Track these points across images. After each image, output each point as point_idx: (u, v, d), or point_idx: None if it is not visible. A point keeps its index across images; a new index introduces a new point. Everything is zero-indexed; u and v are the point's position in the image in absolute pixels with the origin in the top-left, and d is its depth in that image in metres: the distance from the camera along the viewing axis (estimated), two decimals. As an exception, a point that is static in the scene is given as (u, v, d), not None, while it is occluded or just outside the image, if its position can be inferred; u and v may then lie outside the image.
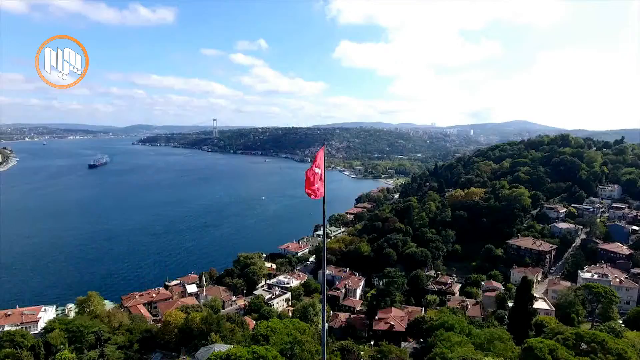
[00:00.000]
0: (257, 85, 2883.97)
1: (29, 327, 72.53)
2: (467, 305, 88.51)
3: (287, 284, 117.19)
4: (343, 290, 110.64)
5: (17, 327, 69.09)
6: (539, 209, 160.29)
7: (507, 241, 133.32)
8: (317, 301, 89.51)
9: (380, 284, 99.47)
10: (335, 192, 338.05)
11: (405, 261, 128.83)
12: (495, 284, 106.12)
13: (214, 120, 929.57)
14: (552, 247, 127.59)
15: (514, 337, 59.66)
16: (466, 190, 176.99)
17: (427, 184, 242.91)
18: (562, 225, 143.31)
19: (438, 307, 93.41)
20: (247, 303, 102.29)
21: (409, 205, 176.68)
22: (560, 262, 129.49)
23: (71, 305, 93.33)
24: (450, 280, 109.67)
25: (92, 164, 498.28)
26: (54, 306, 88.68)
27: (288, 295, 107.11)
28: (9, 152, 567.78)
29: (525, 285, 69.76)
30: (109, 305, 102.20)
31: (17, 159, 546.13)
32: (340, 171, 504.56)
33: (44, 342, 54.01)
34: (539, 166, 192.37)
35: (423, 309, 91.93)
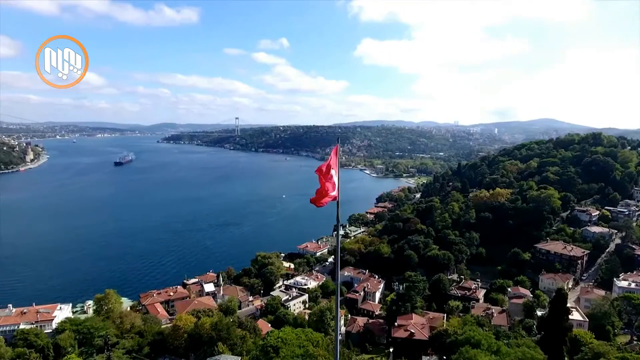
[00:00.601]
0: (279, 84, 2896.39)
1: (44, 325, 73.04)
2: (492, 313, 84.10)
3: (305, 285, 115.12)
4: (362, 293, 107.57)
5: (32, 326, 69.81)
6: (569, 211, 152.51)
7: (535, 245, 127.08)
8: (334, 304, 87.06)
9: (400, 288, 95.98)
10: (355, 191, 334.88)
11: (427, 264, 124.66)
12: (522, 290, 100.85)
13: (236, 118, 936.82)
14: (584, 252, 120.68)
15: (548, 356, 55.10)
16: (491, 191, 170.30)
17: (450, 183, 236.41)
18: (595, 229, 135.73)
19: (461, 314, 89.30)
20: (263, 304, 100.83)
21: (431, 206, 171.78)
22: (592, 269, 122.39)
23: (90, 302, 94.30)
24: (474, 285, 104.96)
25: (117, 161, 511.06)
26: (70, 304, 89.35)
27: (305, 297, 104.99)
28: (40, 150, 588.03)
29: (561, 298, 63.97)
30: (126, 302, 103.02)
31: (48, 156, 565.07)
32: (360, 170, 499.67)
33: (53, 344, 53.85)
34: (569, 166, 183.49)
35: (445, 315, 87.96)
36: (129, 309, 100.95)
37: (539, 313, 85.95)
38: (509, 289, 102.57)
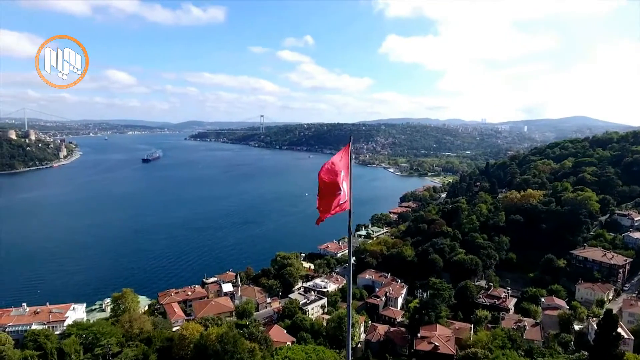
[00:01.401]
0: (304, 81, 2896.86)
1: (55, 326, 72.78)
2: (524, 326, 78.01)
3: (324, 288, 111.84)
4: (383, 299, 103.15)
5: (44, 326, 69.61)
6: (608, 215, 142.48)
7: (571, 251, 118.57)
8: (354, 311, 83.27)
9: (424, 295, 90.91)
10: (378, 190, 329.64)
11: (453, 269, 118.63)
12: (557, 300, 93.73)
13: (261, 116, 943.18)
14: (626, 260, 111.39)
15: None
16: (522, 192, 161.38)
17: (478, 183, 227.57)
18: (638, 235, 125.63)
19: (490, 325, 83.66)
20: (281, 307, 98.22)
21: (457, 207, 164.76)
22: (636, 279, 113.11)
23: (108, 300, 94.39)
24: (504, 293, 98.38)
25: (145, 158, 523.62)
26: (84, 304, 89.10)
27: (324, 301, 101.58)
28: (73, 146, 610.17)
29: (610, 322, 56.43)
30: (145, 301, 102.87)
31: (81, 153, 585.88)
32: (384, 168, 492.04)
33: (58, 349, 52.82)
34: (607, 166, 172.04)
35: (472, 326, 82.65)
36: (146, 307, 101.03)
37: (576, 327, 79.42)
38: (542, 299, 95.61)
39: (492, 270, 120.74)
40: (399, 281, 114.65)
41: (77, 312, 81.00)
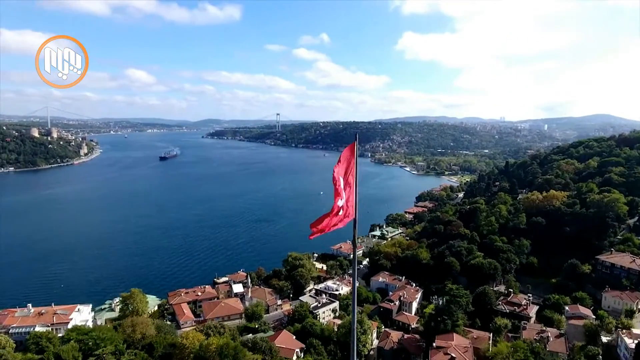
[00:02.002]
0: (320, 79, 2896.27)
1: (59, 328, 71.97)
2: (548, 337, 73.38)
3: (336, 290, 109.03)
4: (397, 303, 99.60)
5: (47, 329, 68.80)
6: (637, 218, 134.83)
7: (597, 257, 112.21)
8: (366, 317, 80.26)
9: (440, 302, 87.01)
10: (394, 189, 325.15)
11: (470, 273, 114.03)
12: (582, 309, 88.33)
13: (277, 114, 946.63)
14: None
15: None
16: (544, 193, 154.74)
17: (497, 183, 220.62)
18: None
19: (510, 335, 79.38)
20: (292, 310, 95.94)
21: (475, 208, 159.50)
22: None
23: (117, 300, 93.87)
24: (525, 300, 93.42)
25: (162, 156, 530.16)
26: (90, 305, 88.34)
27: (336, 305, 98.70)
28: (94, 144, 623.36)
29: None
30: (154, 301, 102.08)
31: (101, 150, 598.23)
32: (401, 167, 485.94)
33: (55, 355, 51.47)
34: (636, 166, 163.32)
35: (491, 335, 78.52)
36: (156, 307, 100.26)
37: (604, 339, 74.39)
38: (566, 307, 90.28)
39: (512, 275, 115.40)
40: (414, 285, 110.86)
41: (82, 314, 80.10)
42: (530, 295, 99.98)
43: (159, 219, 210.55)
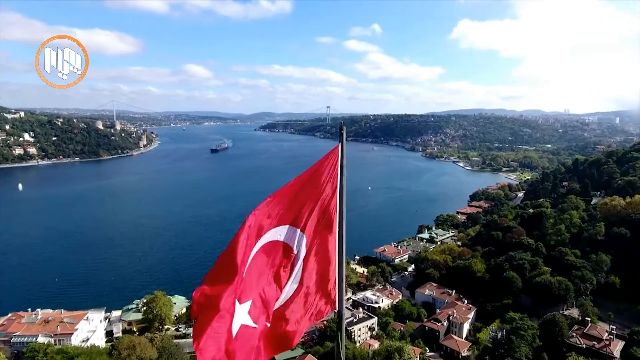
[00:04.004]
0: (371, 72, 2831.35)
1: (63, 340, 67.23)
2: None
3: (375, 302, 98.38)
4: (445, 324, 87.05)
5: (50, 339, 64.72)
6: None
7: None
8: (407, 344, 69.03)
9: (499, 334, 73.03)
10: (445, 186, 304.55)
11: (534, 292, 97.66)
12: (684, 350, 70.46)
13: (328, 107, 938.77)
14: None
15: None
16: (628, 198, 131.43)
17: (565, 183, 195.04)
18: None
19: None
20: (324, 324, 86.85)
21: (540, 213, 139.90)
22: None
23: (144, 300, 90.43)
24: (606, 333, 76.68)
25: (214, 148, 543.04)
26: (103, 310, 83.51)
27: (374, 321, 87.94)
28: (154, 136, 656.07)
29: None
30: (182, 303, 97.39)
31: (159, 142, 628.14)
32: (453, 162, 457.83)
33: None
34: None
35: (562, 377, 64.18)
36: (183, 310, 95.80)
37: None
38: (662, 345, 72.69)
39: (587, 298, 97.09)
40: (466, 302, 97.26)
41: (91, 323, 74.90)
42: (614, 326, 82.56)
43: (201, 213, 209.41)
